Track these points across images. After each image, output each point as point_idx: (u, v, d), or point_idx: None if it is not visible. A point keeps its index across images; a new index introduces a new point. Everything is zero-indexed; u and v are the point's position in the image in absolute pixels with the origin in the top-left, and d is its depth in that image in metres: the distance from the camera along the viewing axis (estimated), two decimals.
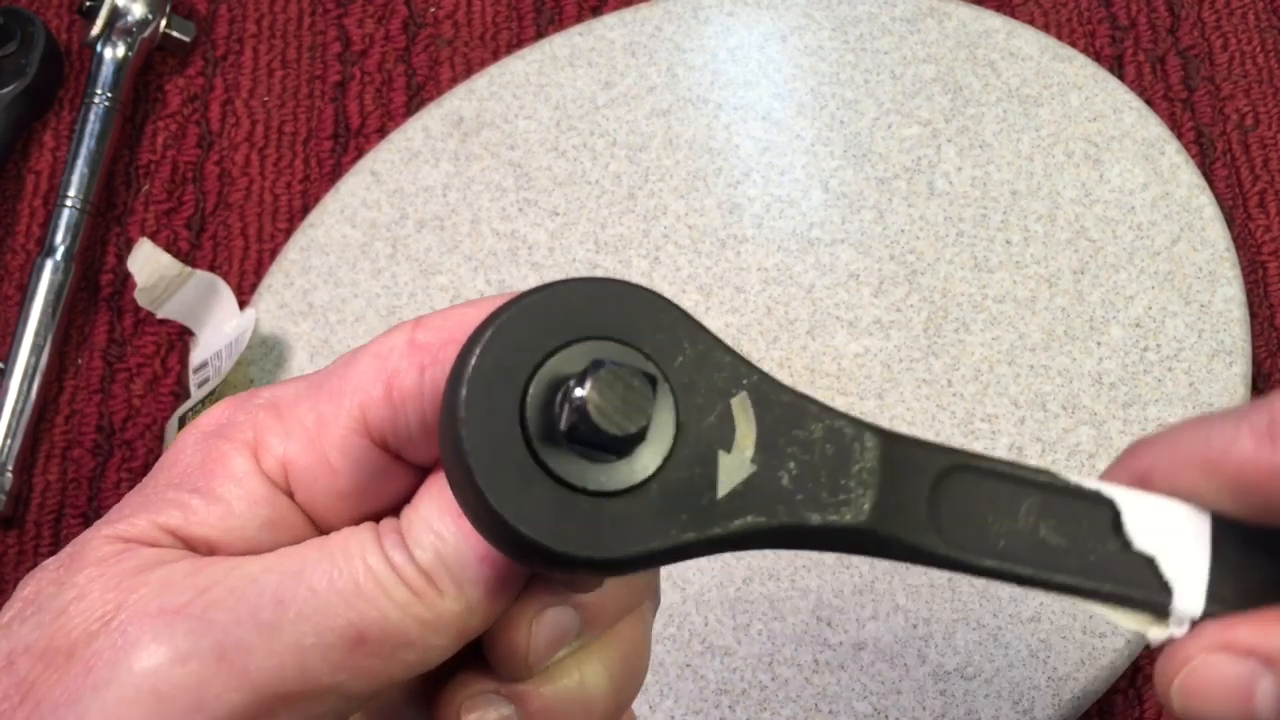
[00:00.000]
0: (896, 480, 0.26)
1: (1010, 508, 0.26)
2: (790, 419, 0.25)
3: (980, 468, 0.27)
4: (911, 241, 0.56)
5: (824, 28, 0.61)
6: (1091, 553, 0.26)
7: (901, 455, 0.26)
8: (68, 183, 0.59)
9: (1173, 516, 0.27)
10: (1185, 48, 0.61)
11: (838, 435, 0.25)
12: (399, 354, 0.27)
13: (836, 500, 0.25)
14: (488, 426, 0.24)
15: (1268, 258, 0.57)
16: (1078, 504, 0.27)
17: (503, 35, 0.63)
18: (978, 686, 0.48)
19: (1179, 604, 0.26)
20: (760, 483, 0.24)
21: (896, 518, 0.25)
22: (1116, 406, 0.52)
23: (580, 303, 0.24)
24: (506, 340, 0.24)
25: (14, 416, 0.55)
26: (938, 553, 0.26)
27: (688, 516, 0.24)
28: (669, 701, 0.49)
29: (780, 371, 0.54)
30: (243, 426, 0.27)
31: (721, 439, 0.24)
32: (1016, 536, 0.26)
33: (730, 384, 0.25)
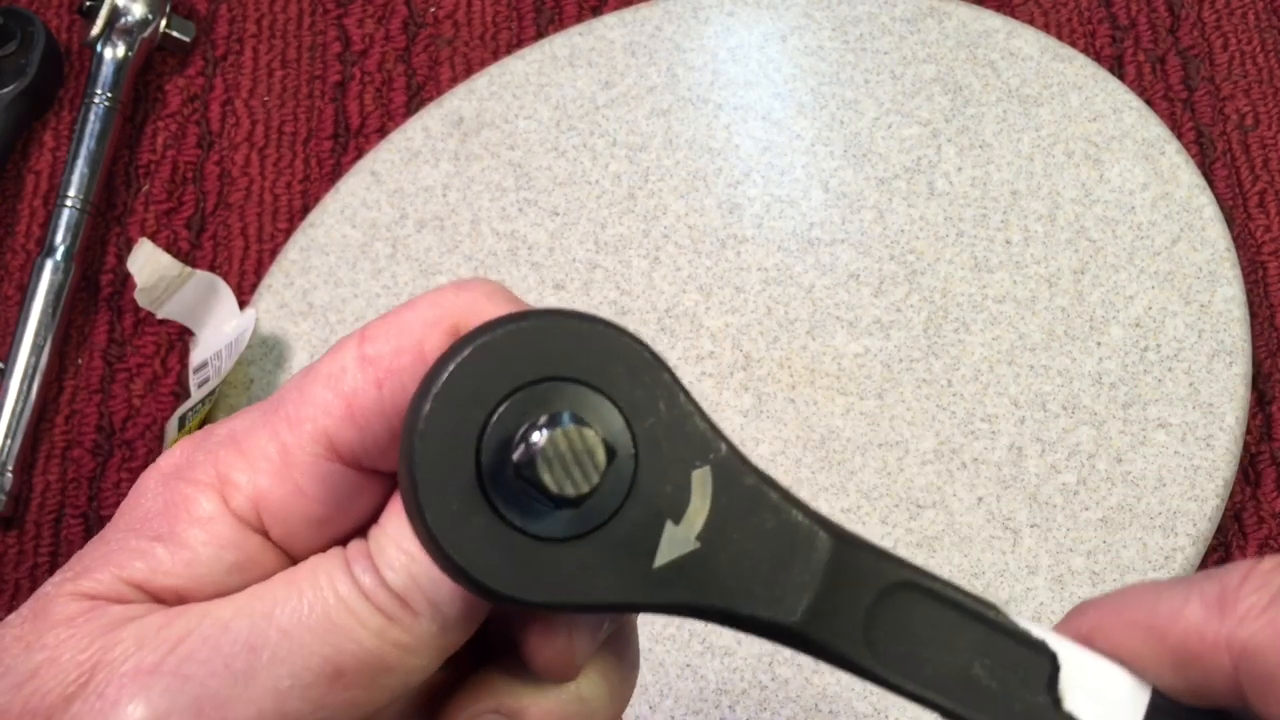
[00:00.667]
0: (839, 586, 0.25)
1: (949, 638, 0.26)
2: (746, 505, 0.24)
3: (928, 589, 0.26)
4: (911, 241, 0.56)
5: (824, 28, 0.61)
6: (1019, 702, 0.26)
7: (851, 561, 0.25)
8: (68, 183, 0.59)
9: (1112, 684, 0.26)
10: (1185, 48, 0.61)
11: (790, 530, 0.25)
12: (352, 372, 0.26)
13: (770, 596, 0.24)
14: (443, 453, 0.23)
15: (1268, 258, 0.57)
16: (1018, 649, 0.26)
17: (503, 35, 0.63)
18: None
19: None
20: (699, 562, 0.24)
21: (830, 624, 0.25)
22: (1116, 406, 0.52)
23: (563, 338, 0.24)
24: (470, 375, 0.24)
25: (14, 416, 0.55)
26: (862, 665, 0.25)
27: (618, 579, 0.24)
28: (669, 701, 0.49)
29: (780, 371, 0.54)
30: (203, 466, 0.27)
31: (672, 509, 0.24)
32: (947, 668, 0.26)
33: (696, 455, 0.24)
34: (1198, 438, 0.51)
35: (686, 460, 0.24)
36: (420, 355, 0.26)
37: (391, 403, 0.26)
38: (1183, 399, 0.52)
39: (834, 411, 0.53)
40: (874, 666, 0.25)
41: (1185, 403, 0.52)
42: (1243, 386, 0.52)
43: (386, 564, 0.25)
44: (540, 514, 0.23)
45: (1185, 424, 0.52)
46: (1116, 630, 0.26)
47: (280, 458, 0.26)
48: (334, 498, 0.27)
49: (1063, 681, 0.26)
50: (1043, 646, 0.26)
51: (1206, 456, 0.51)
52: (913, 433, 0.52)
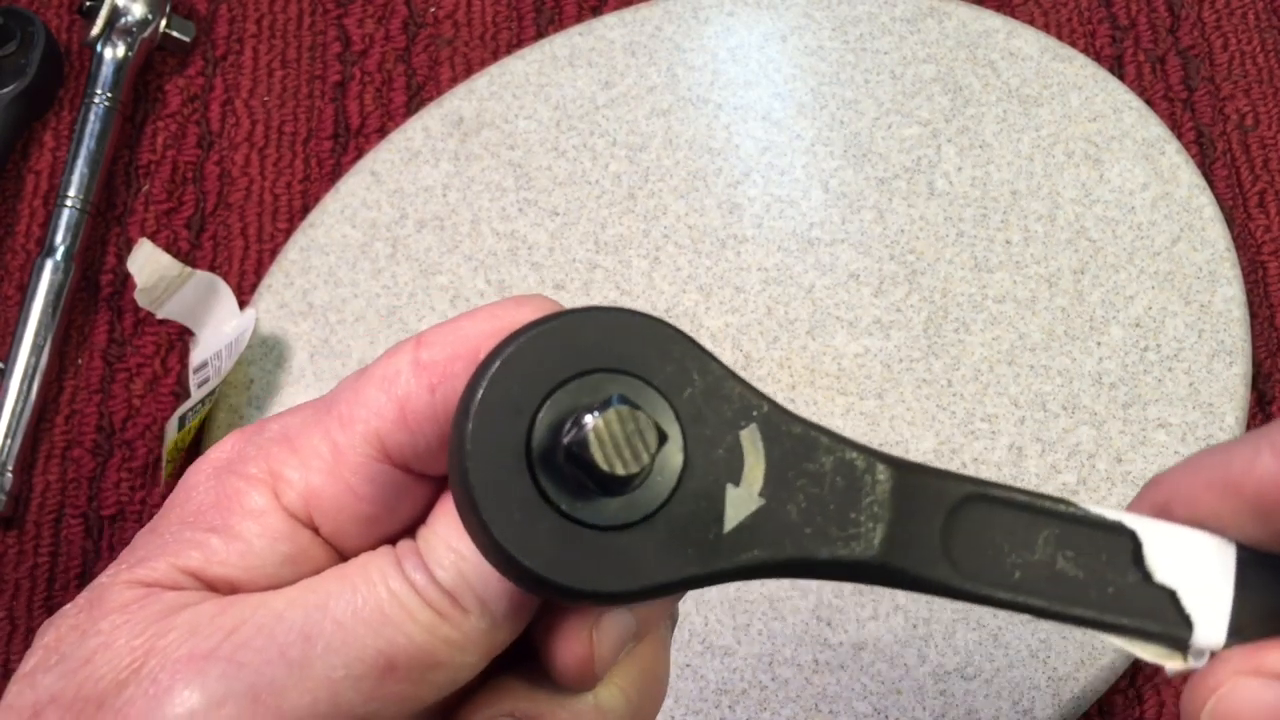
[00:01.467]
0: (909, 512, 0.25)
1: (1027, 538, 0.26)
2: (800, 451, 0.25)
3: (996, 497, 0.26)
4: (911, 241, 0.56)
5: (824, 28, 0.61)
6: (1110, 585, 0.26)
7: (915, 486, 0.26)
8: (68, 183, 0.59)
9: (1196, 547, 0.26)
10: (1185, 48, 0.61)
11: (848, 467, 0.25)
12: (406, 376, 0.26)
13: (845, 534, 0.25)
14: (493, 458, 0.23)
15: (1268, 258, 0.57)
16: (1097, 535, 0.26)
17: (503, 35, 0.63)
18: (978, 686, 0.48)
19: (1199, 637, 0.26)
20: (768, 517, 0.24)
21: (908, 550, 0.25)
22: (1116, 406, 0.52)
23: (590, 333, 0.24)
24: (514, 371, 0.24)
25: (14, 416, 0.55)
26: (950, 584, 0.25)
27: (693, 551, 0.24)
28: (669, 701, 0.49)
29: (780, 371, 0.54)
30: (255, 460, 0.27)
31: (729, 472, 0.24)
32: (1033, 568, 0.26)
33: (739, 416, 0.25)
34: (1198, 438, 0.51)
35: (732, 422, 0.24)
36: (474, 361, 0.26)
37: (444, 407, 0.26)
38: (1183, 399, 0.52)
39: (834, 411, 0.53)
40: (961, 584, 0.25)
41: (1185, 403, 0.52)
42: (1243, 386, 0.52)
43: (436, 562, 0.26)
44: (603, 503, 0.23)
45: (1185, 424, 0.52)
46: (1193, 494, 0.26)
47: (332, 456, 0.27)
48: (383, 498, 0.27)
49: (1148, 556, 0.26)
50: (1120, 527, 0.26)
51: None
52: (913, 433, 0.52)
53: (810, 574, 0.25)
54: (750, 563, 0.24)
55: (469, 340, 0.26)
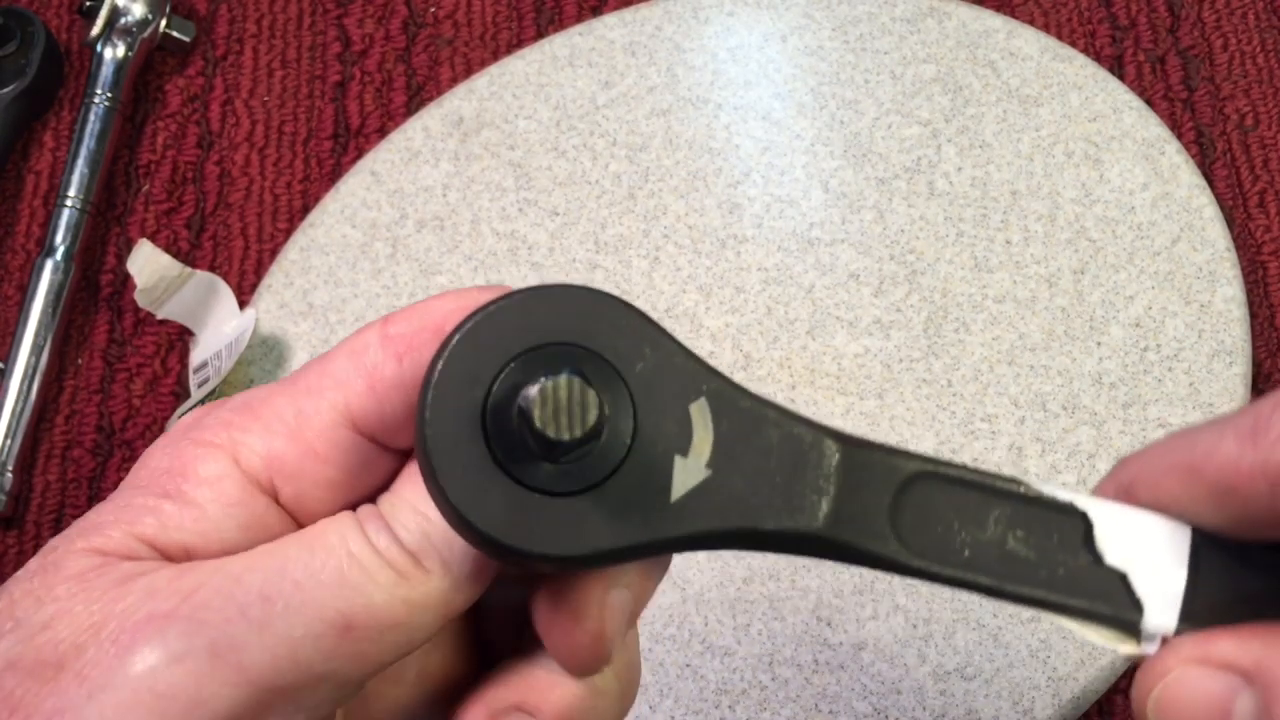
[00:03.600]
0: (856, 486, 0.25)
1: (978, 517, 0.26)
2: (747, 425, 0.25)
3: (947, 475, 0.26)
4: (911, 241, 0.56)
5: (824, 28, 0.61)
6: (1061, 566, 0.26)
7: (863, 461, 0.26)
8: (68, 183, 0.59)
9: (1150, 531, 0.26)
10: (1185, 48, 0.61)
11: (795, 441, 0.25)
12: (374, 348, 0.27)
13: (790, 506, 0.25)
14: (451, 425, 0.24)
15: (1268, 258, 0.57)
16: (1048, 515, 0.26)
17: (503, 35, 0.63)
18: (978, 686, 0.48)
19: (1150, 621, 0.26)
20: (715, 487, 0.25)
21: (854, 524, 0.25)
22: (1116, 406, 0.52)
23: (547, 309, 0.25)
24: (474, 343, 0.25)
25: (14, 416, 0.55)
26: (898, 560, 0.25)
27: (641, 518, 0.24)
28: (669, 701, 0.49)
29: (780, 371, 0.54)
30: (214, 429, 0.27)
31: (678, 444, 0.25)
32: (983, 546, 0.26)
33: (689, 390, 0.25)
34: None
35: (681, 395, 0.25)
36: (440, 335, 0.26)
37: (410, 376, 0.26)
38: (1183, 399, 0.52)
39: (834, 411, 0.53)
40: (908, 559, 0.25)
41: (1185, 403, 0.52)
42: (1243, 386, 0.52)
43: (401, 524, 0.26)
44: (554, 470, 0.24)
45: (1185, 424, 0.52)
46: (1156, 477, 0.26)
47: (296, 422, 0.27)
48: (348, 463, 0.27)
49: (1099, 538, 0.26)
50: (1071, 508, 0.26)
51: None
52: (913, 433, 0.52)
53: (757, 545, 0.25)
54: (696, 531, 0.25)
55: (434, 315, 0.27)
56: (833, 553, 0.26)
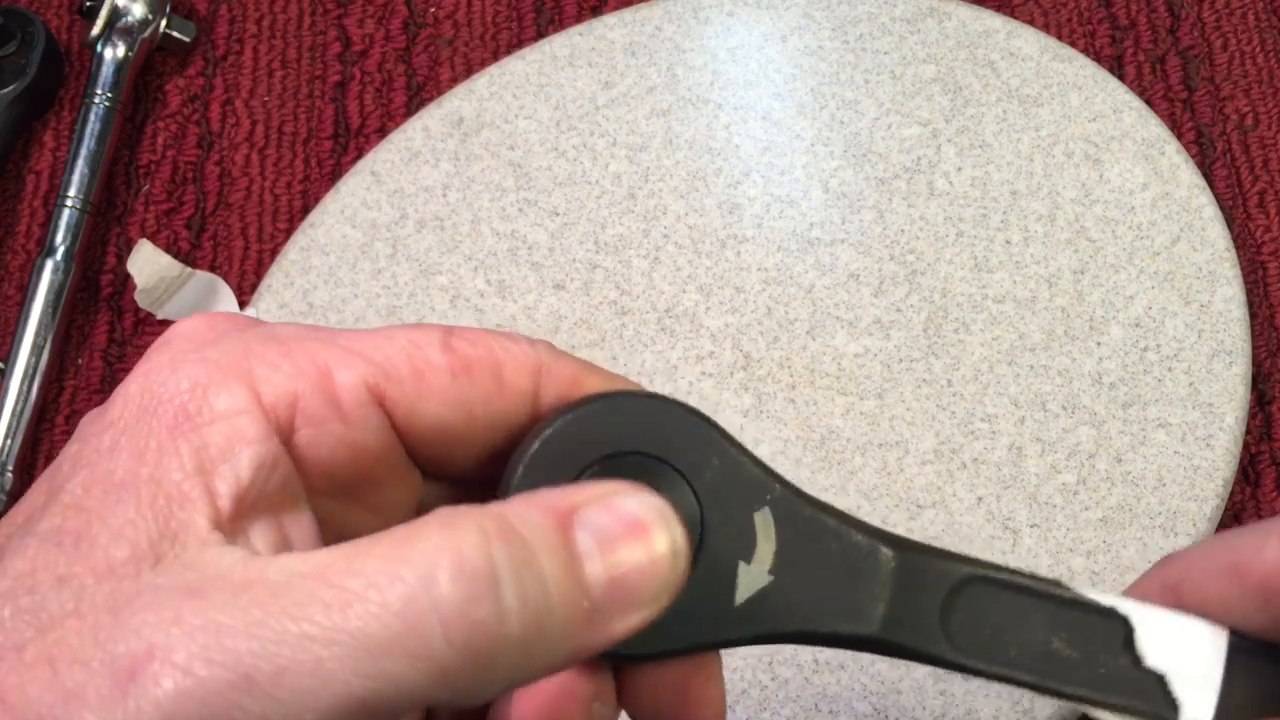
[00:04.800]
0: (910, 590, 0.27)
1: (1023, 619, 0.27)
2: (808, 535, 0.26)
3: (994, 579, 0.27)
4: (911, 241, 0.56)
5: (824, 28, 0.61)
6: (1102, 666, 0.27)
7: (917, 566, 0.27)
8: (68, 183, 0.59)
9: (1188, 633, 0.27)
10: (1185, 48, 0.61)
11: (853, 550, 0.27)
12: (435, 349, 0.26)
13: (848, 611, 0.26)
14: None
15: (1268, 258, 0.57)
16: (1090, 618, 0.27)
17: (503, 35, 0.63)
18: (978, 686, 0.48)
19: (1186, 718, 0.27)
20: (777, 592, 0.26)
21: (907, 626, 0.27)
22: (1116, 406, 0.52)
23: (618, 418, 0.26)
24: (552, 450, 0.26)
25: (14, 416, 0.55)
26: (947, 658, 0.27)
27: (708, 620, 0.26)
28: None
29: (780, 371, 0.54)
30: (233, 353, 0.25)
31: (743, 550, 0.26)
32: (1028, 647, 0.27)
33: (754, 499, 0.26)
34: (1198, 438, 0.51)
35: (746, 504, 0.26)
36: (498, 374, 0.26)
37: (458, 395, 0.26)
38: (1183, 399, 0.52)
39: (834, 411, 0.53)
40: (957, 658, 0.27)
41: (1185, 403, 0.52)
42: (1242, 386, 0.52)
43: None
44: None
45: (1185, 424, 0.52)
46: (1203, 579, 0.27)
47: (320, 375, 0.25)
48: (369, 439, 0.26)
49: (1139, 640, 0.27)
50: (1113, 612, 0.27)
51: (1206, 456, 0.51)
52: (913, 433, 0.52)
53: (815, 643, 0.27)
54: (758, 633, 0.26)
55: (498, 352, 0.26)
56: (888, 651, 0.27)
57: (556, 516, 0.23)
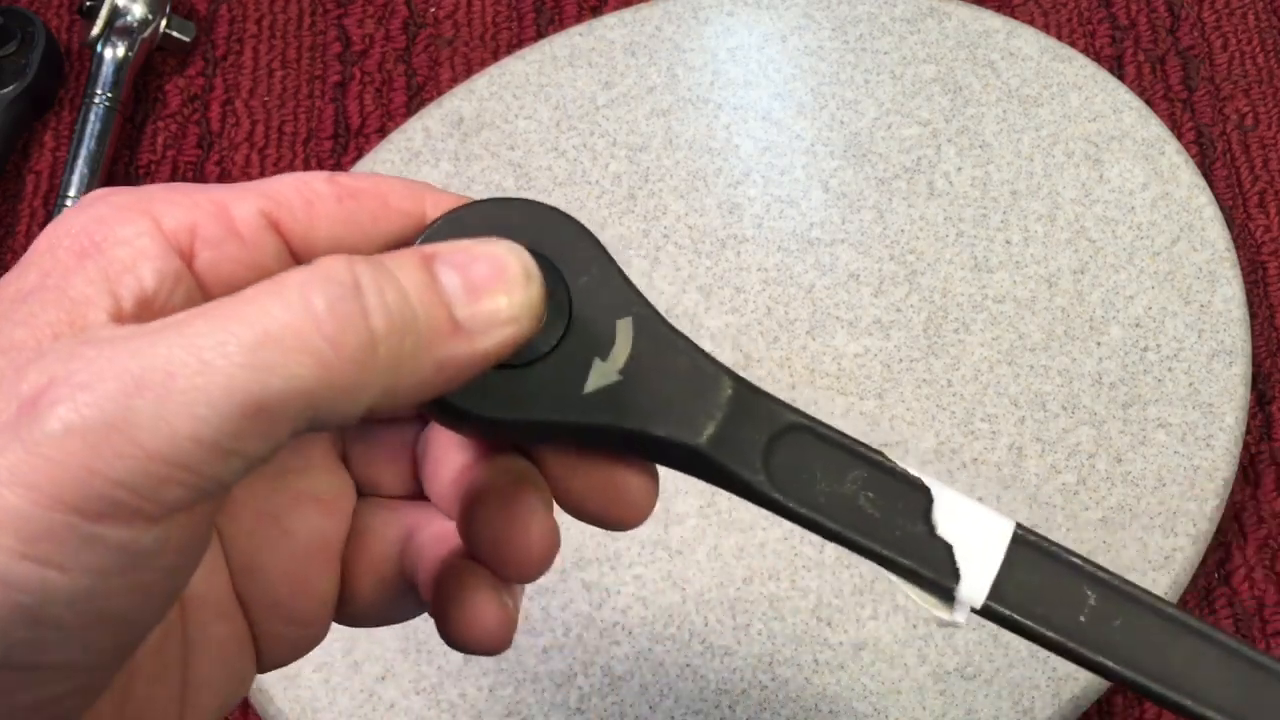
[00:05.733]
0: (741, 421, 0.29)
1: (838, 472, 0.30)
2: (662, 349, 0.29)
3: (819, 431, 0.30)
4: (911, 241, 0.56)
5: (824, 28, 0.61)
6: (899, 529, 0.30)
7: (751, 402, 0.30)
8: (68, 183, 0.59)
9: (979, 517, 0.30)
10: (1185, 48, 0.61)
11: (698, 372, 0.29)
12: (320, 181, 0.28)
13: (681, 422, 0.29)
14: None
15: (1268, 258, 0.57)
16: (898, 484, 0.30)
17: (503, 35, 0.63)
18: (978, 686, 0.48)
19: (964, 590, 0.29)
20: (622, 391, 0.28)
21: (731, 450, 0.29)
22: (1116, 406, 0.52)
23: (510, 216, 0.29)
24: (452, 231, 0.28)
25: None
26: (761, 490, 0.29)
27: (557, 400, 0.28)
28: (669, 701, 0.49)
29: (780, 371, 0.54)
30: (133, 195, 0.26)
31: (600, 348, 0.28)
32: (837, 498, 0.30)
33: (620, 308, 0.29)
34: (1198, 438, 0.51)
35: (612, 311, 0.29)
36: (382, 197, 0.28)
37: (347, 218, 0.28)
38: (1183, 399, 0.52)
39: (834, 411, 0.53)
40: (770, 491, 0.29)
41: (1185, 403, 0.52)
42: (1242, 386, 0.52)
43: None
44: None
45: (1185, 424, 0.52)
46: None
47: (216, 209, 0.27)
48: (268, 259, 0.27)
49: (936, 512, 0.30)
50: (919, 483, 0.30)
51: (1206, 456, 0.51)
52: (913, 433, 0.52)
53: (646, 452, 0.29)
54: (597, 423, 0.28)
55: (382, 185, 0.28)
56: (707, 471, 0.29)
57: (419, 254, 0.25)
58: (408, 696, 0.49)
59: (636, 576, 0.50)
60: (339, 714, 0.49)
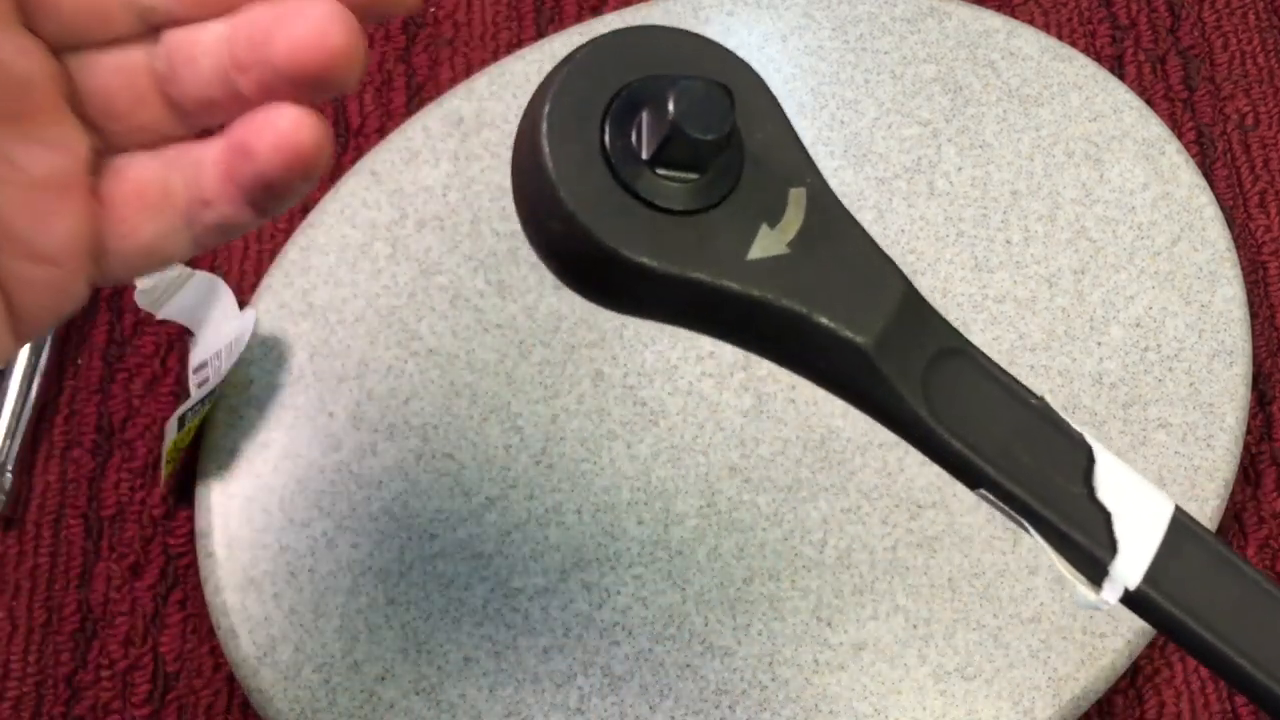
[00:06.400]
0: (907, 329, 0.26)
1: (996, 410, 0.27)
2: (834, 229, 0.26)
3: (984, 364, 0.27)
4: (911, 241, 0.56)
5: (824, 28, 0.61)
6: (1054, 483, 0.26)
7: (919, 311, 0.26)
8: None
9: (1141, 489, 0.27)
10: (1185, 48, 0.61)
11: (871, 262, 0.26)
12: None
13: (848, 313, 0.25)
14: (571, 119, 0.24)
15: (1268, 258, 0.57)
16: (1058, 437, 0.27)
17: (503, 35, 0.63)
18: (978, 686, 0.48)
19: (1119, 566, 0.26)
20: (788, 265, 0.25)
21: (894, 358, 0.26)
22: (1116, 406, 0.52)
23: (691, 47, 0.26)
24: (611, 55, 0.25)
25: (14, 417, 0.55)
26: (913, 411, 0.26)
27: (717, 259, 0.25)
28: (669, 702, 0.49)
29: (780, 371, 0.54)
30: None
31: (769, 215, 0.25)
32: (992, 437, 0.26)
33: (794, 175, 0.26)
34: (1198, 438, 0.51)
35: (785, 178, 0.25)
36: None
37: None
38: (1183, 399, 0.52)
39: (834, 411, 0.53)
40: (924, 414, 0.26)
41: (1185, 403, 0.52)
42: (1243, 386, 0.52)
43: None
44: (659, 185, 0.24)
45: (1185, 424, 0.52)
46: None
47: None
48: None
49: (1098, 474, 0.26)
50: (1082, 440, 0.27)
51: (1206, 456, 0.51)
52: None
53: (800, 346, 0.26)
54: (755, 296, 0.25)
55: None
56: (859, 378, 0.26)
57: None
58: (408, 696, 0.49)
59: (636, 576, 0.50)
60: (339, 714, 0.49)
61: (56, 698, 0.52)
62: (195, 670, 0.53)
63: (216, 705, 0.52)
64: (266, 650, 0.50)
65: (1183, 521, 0.27)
